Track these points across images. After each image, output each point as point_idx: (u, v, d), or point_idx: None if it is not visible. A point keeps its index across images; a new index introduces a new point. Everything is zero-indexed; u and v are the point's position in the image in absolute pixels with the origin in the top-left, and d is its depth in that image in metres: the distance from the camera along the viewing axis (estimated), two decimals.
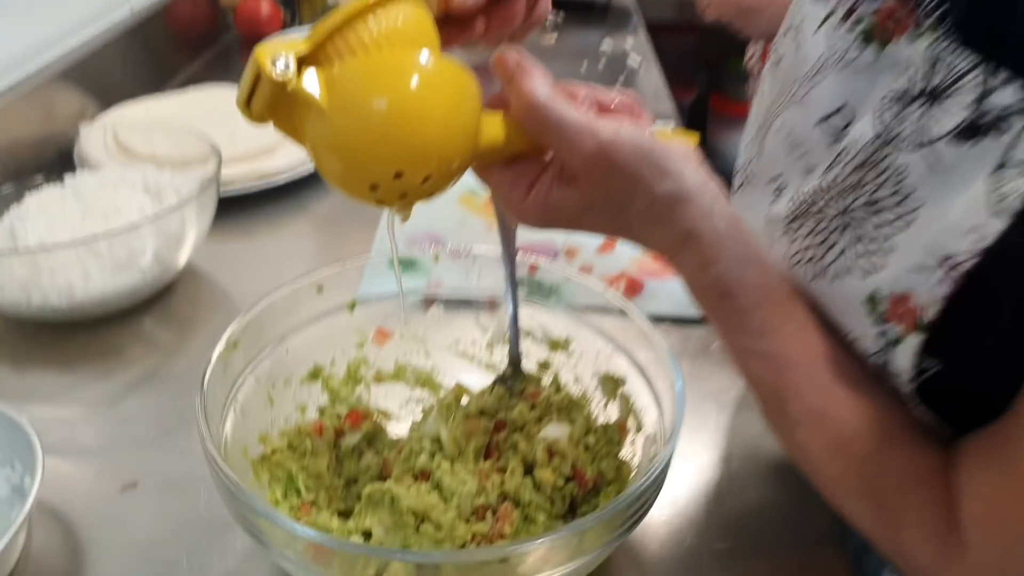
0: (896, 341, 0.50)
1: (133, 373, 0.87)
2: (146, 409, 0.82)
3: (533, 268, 0.80)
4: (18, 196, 0.97)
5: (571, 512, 0.66)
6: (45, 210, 0.93)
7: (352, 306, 0.74)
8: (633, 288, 1.00)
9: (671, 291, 0.99)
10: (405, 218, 0.54)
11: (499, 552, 0.52)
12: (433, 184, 0.50)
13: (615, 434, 0.69)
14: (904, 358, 0.49)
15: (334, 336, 0.74)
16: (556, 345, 0.75)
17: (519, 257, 0.91)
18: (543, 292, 0.77)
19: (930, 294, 0.47)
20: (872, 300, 0.51)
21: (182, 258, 0.95)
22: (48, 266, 0.83)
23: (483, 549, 0.56)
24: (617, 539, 0.55)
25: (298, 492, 0.64)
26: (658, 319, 0.96)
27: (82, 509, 0.69)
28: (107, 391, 0.84)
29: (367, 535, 0.61)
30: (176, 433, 0.77)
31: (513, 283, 0.70)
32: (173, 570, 0.64)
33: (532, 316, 0.76)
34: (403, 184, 0.49)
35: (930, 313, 0.47)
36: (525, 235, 1.08)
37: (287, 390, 0.70)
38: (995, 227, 0.45)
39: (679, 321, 0.96)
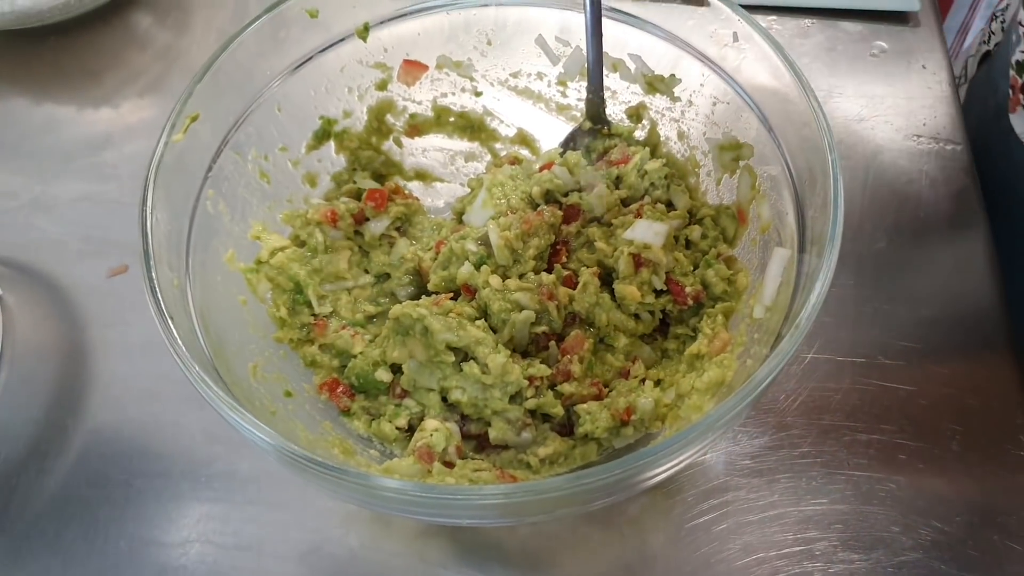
0: None
1: (123, 97, 0.70)
2: (143, 150, 0.65)
3: None
4: None
5: (662, 331, 0.51)
6: None
7: (364, 31, 0.52)
8: None
9: None
10: None
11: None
12: None
13: (730, 225, 0.50)
14: None
15: (344, 77, 0.53)
16: (656, 85, 0.53)
17: None
18: None
19: None
20: None
21: None
22: None
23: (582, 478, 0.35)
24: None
25: (309, 305, 0.50)
26: (799, 11, 0.70)
27: (71, 298, 0.58)
28: (89, 127, 0.68)
29: (397, 368, 0.48)
30: None
31: None
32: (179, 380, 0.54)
33: (623, 39, 0.53)
34: None
35: None
36: None
37: (286, 160, 0.52)
38: None
39: (829, 13, 0.69)
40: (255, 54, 0.48)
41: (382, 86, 0.55)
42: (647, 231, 0.47)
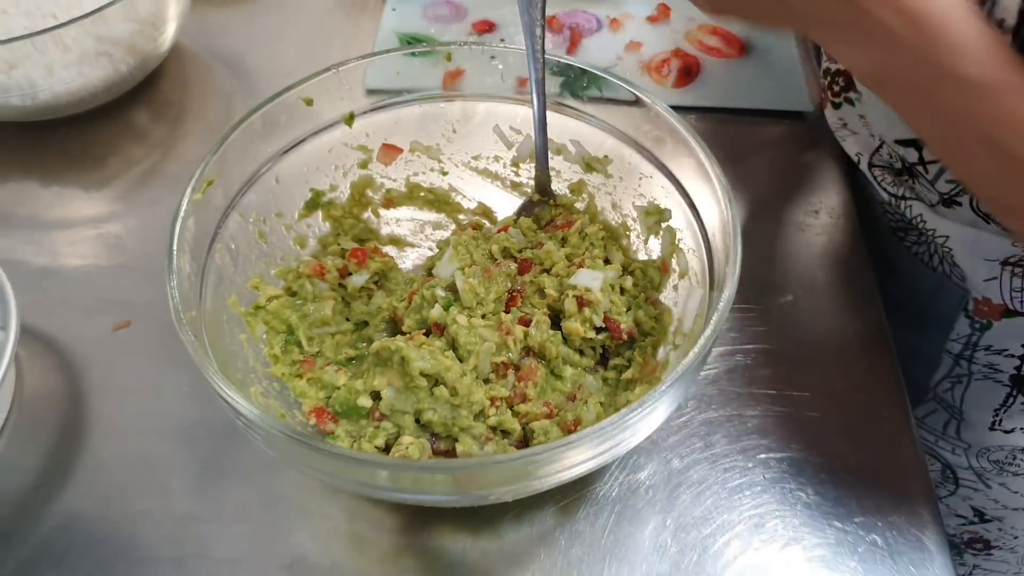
0: None
1: (124, 180, 0.78)
2: (140, 226, 0.74)
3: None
4: None
5: (603, 363, 0.60)
6: None
7: (350, 119, 0.62)
8: (688, 71, 0.85)
9: (733, 74, 0.84)
10: None
11: (528, 457, 0.44)
12: None
13: (656, 275, 0.60)
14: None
15: (332, 156, 0.63)
16: (592, 165, 0.64)
17: (548, 40, 0.77)
18: (578, 84, 0.64)
19: None
20: None
21: (165, 41, 0.82)
22: (4, 60, 0.72)
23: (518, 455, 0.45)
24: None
25: (299, 345, 0.58)
26: (717, 111, 0.82)
27: (75, 350, 0.65)
28: (95, 205, 0.76)
29: (376, 396, 0.55)
30: None
31: (540, 88, 0.58)
32: (172, 419, 0.61)
33: (566, 128, 0.64)
34: None
35: None
36: (559, 1, 0.92)
37: (281, 224, 0.61)
38: None
39: (741, 113, 0.82)
40: (260, 133, 0.58)
41: (363, 165, 0.65)
42: (587, 277, 0.57)
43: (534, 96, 0.60)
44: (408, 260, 0.67)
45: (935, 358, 0.74)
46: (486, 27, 0.89)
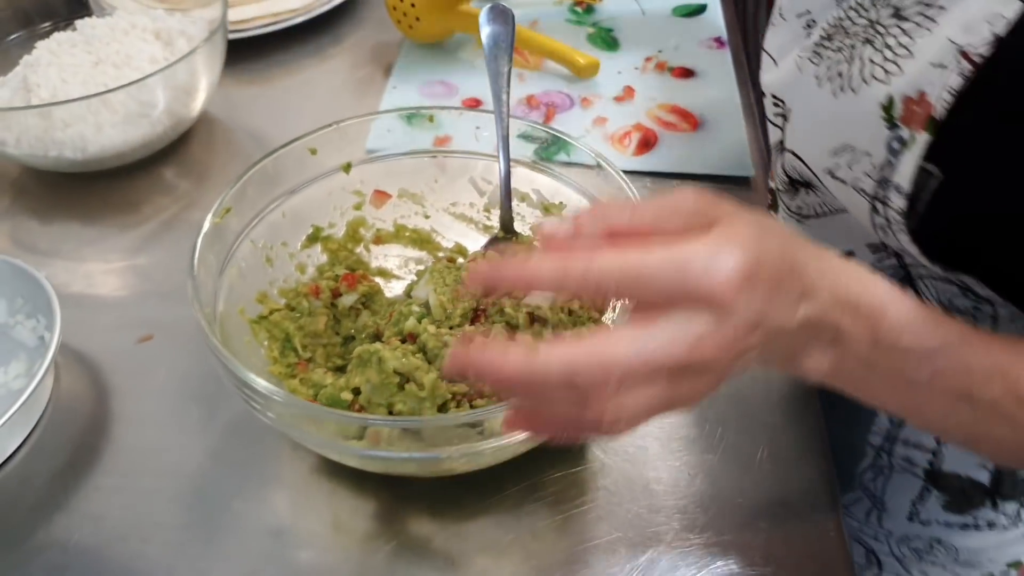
0: (904, 145, 0.50)
1: (153, 223, 0.91)
2: (165, 259, 0.86)
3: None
4: (29, 44, 0.97)
5: None
6: (56, 59, 0.94)
7: (347, 167, 0.75)
8: (647, 142, 0.98)
9: (685, 145, 0.97)
10: None
11: (469, 417, 0.55)
12: None
13: (599, 299, 0.71)
14: (908, 165, 0.50)
15: (331, 198, 0.76)
16: (549, 209, 0.76)
17: (523, 111, 0.89)
18: (550, 149, 0.77)
19: (942, 90, 0.47)
20: (889, 104, 0.51)
21: (195, 108, 0.96)
22: (61, 119, 0.85)
23: (457, 415, 0.58)
24: None
25: (295, 351, 0.68)
26: (670, 176, 0.94)
27: (104, 358, 0.75)
28: (127, 243, 0.88)
29: (356, 391, 0.65)
30: None
31: (505, 143, 0.70)
32: (185, 416, 0.71)
33: (530, 179, 0.76)
34: None
35: (939, 110, 0.47)
36: (538, 83, 1.06)
37: (285, 251, 0.73)
38: (1013, 9, 0.44)
39: (691, 177, 0.94)
40: (271, 176, 0.70)
41: (358, 207, 0.77)
42: (538, 297, 0.68)
43: (500, 149, 0.72)
44: (393, 291, 0.78)
45: (861, 449, 0.77)
46: (473, 103, 1.03)
